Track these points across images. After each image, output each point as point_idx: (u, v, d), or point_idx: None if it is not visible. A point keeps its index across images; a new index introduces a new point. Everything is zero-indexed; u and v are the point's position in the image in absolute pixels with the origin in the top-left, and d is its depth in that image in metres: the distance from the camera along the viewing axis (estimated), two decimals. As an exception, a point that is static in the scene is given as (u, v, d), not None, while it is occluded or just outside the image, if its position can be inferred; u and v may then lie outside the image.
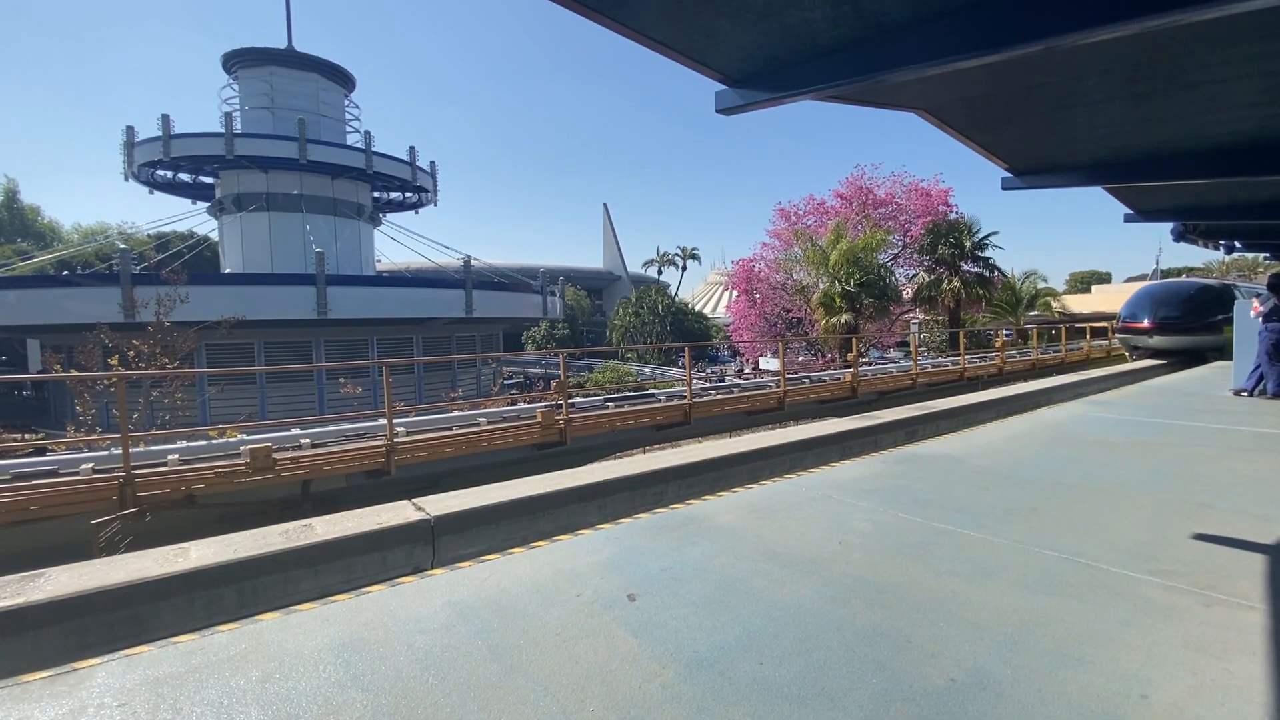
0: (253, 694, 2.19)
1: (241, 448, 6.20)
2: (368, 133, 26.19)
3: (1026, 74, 5.70)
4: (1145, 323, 15.97)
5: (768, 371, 25.44)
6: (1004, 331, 24.55)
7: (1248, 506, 4.09)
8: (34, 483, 5.37)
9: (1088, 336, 21.28)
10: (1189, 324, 15.63)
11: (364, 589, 3.14)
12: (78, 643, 2.83)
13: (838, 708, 2.07)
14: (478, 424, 7.96)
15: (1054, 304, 29.72)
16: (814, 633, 2.55)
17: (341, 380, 18.16)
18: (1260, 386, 8.83)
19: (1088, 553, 3.34)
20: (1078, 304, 38.01)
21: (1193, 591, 2.88)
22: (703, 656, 2.39)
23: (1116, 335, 18.23)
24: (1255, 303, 9.03)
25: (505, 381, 28.37)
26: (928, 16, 4.09)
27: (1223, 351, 14.60)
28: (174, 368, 12.07)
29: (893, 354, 26.20)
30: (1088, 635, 2.50)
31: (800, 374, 13.49)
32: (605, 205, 66.58)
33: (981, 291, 24.28)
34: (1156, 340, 15.89)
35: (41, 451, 7.77)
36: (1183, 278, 18.14)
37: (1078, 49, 4.88)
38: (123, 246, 22.33)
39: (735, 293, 28.36)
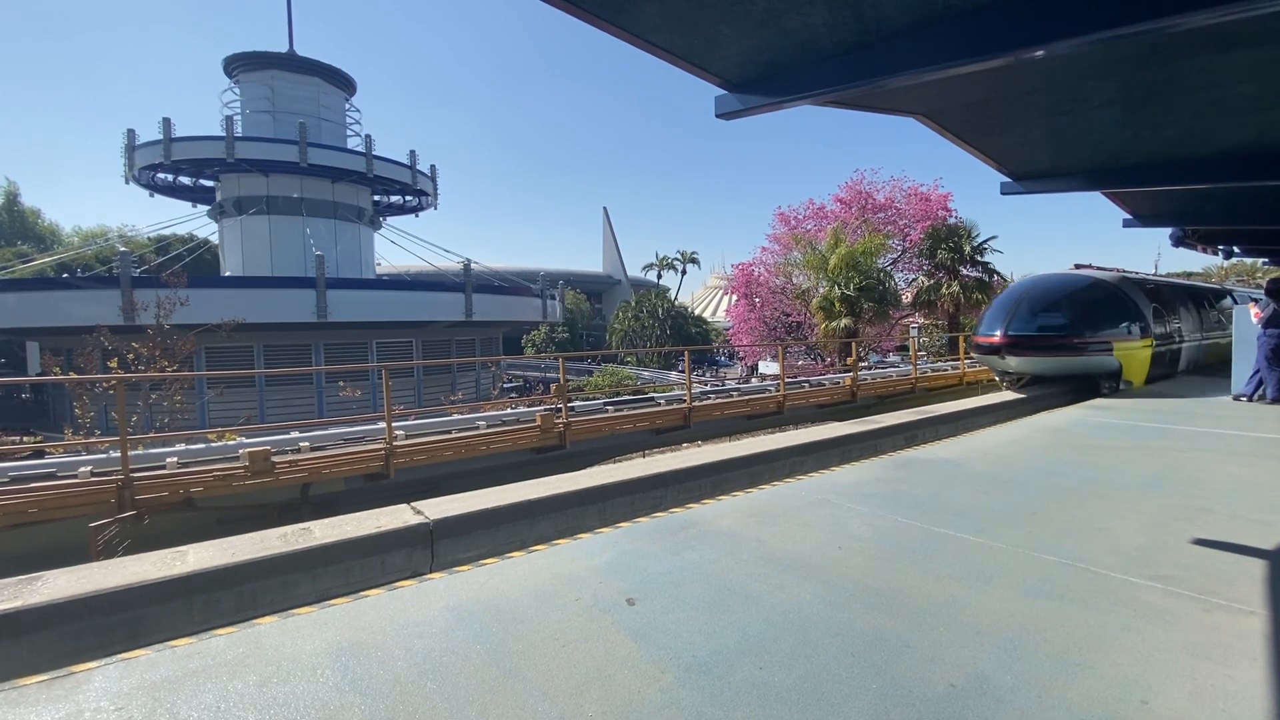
0: (250, 698, 2.18)
1: (240, 451, 6.18)
2: (368, 136, 26.26)
3: (1025, 79, 5.72)
4: (995, 336, 10.51)
5: (767, 375, 25.44)
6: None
7: (1247, 511, 4.08)
8: (32, 485, 5.35)
9: None
10: (1064, 339, 10.38)
11: (362, 593, 3.14)
12: (75, 646, 2.82)
13: (837, 713, 2.06)
14: (477, 427, 7.95)
15: (1053, 308, 29.61)
16: (813, 638, 2.54)
17: (341, 383, 18.14)
18: (1260, 391, 8.84)
19: (1087, 558, 3.33)
20: (1077, 308, 37.93)
21: (1193, 596, 2.87)
22: (702, 661, 2.38)
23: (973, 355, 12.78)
24: (1254, 308, 9.04)
25: (504, 385, 28.38)
26: (926, 22, 4.11)
27: (1117, 378, 10.43)
28: (173, 370, 12.07)
29: (892, 359, 26.20)
30: (1088, 640, 2.50)
31: (800, 378, 13.46)
32: (605, 209, 66.79)
33: (981, 296, 24.24)
34: (1012, 362, 10.67)
35: (40, 454, 7.75)
36: (1069, 270, 12.41)
37: (1076, 55, 4.91)
38: (123, 249, 22.34)
39: (735, 297, 28.39)
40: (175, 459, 6.15)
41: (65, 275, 25.14)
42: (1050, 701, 2.10)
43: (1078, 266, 12.50)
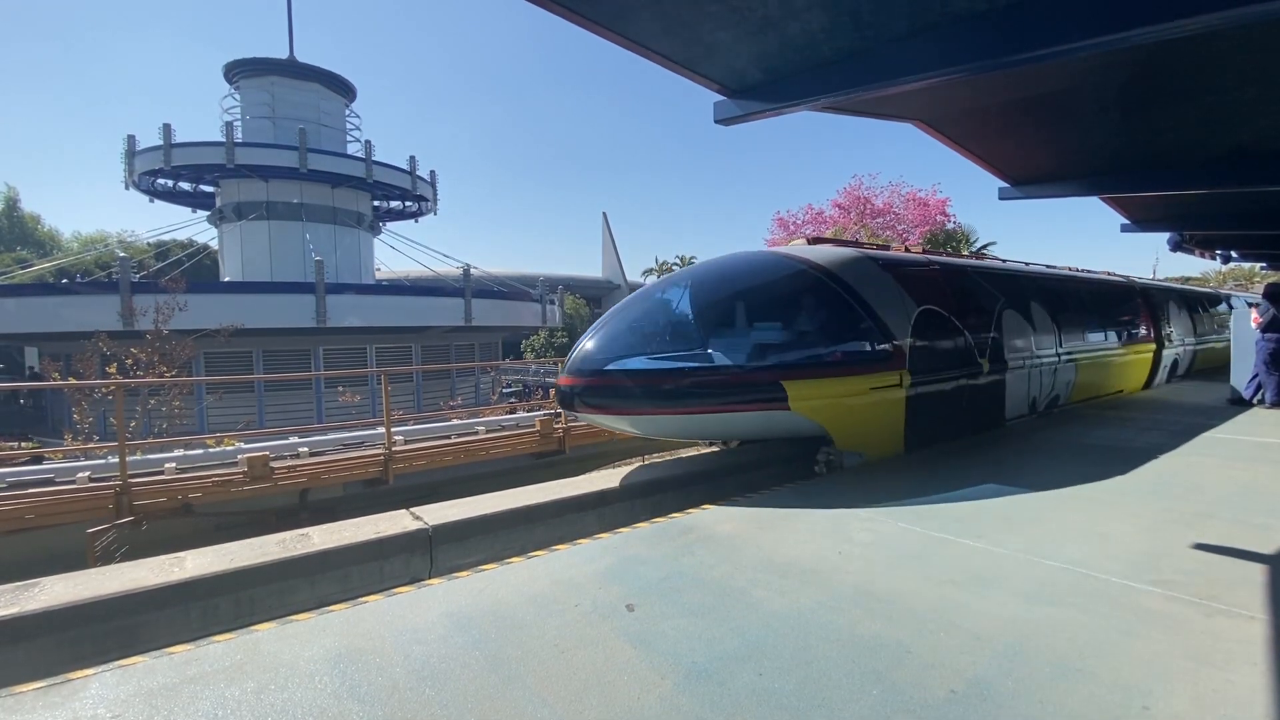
0: (248, 705, 2.17)
1: (239, 456, 6.18)
2: (368, 142, 26.30)
3: (1023, 85, 5.74)
4: (568, 374, 5.59)
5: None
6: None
7: (1248, 516, 4.08)
8: (30, 491, 5.35)
9: None
10: (676, 378, 5.29)
11: (361, 599, 3.12)
12: (72, 653, 2.81)
13: (837, 719, 2.05)
14: (476, 432, 7.95)
15: (1052, 313, 29.61)
16: (813, 643, 2.53)
17: (340, 388, 18.13)
18: (1258, 395, 8.85)
19: (1088, 562, 3.32)
20: (1075, 313, 37.83)
21: (1194, 602, 2.87)
22: (701, 667, 2.37)
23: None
24: (1254, 313, 9.06)
25: (504, 390, 28.35)
26: (924, 28, 4.13)
27: (832, 444, 5.66)
28: (172, 376, 12.06)
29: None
30: (1088, 646, 2.49)
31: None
32: (604, 214, 66.69)
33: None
34: (591, 419, 6.10)
35: (38, 460, 7.74)
36: (758, 251, 6.95)
37: (1074, 60, 4.93)
38: (122, 254, 22.30)
39: (734, 301, 28.32)
40: (174, 464, 6.14)
41: (64, 281, 25.15)
42: (1051, 707, 2.10)
43: (811, 241, 6.92)
